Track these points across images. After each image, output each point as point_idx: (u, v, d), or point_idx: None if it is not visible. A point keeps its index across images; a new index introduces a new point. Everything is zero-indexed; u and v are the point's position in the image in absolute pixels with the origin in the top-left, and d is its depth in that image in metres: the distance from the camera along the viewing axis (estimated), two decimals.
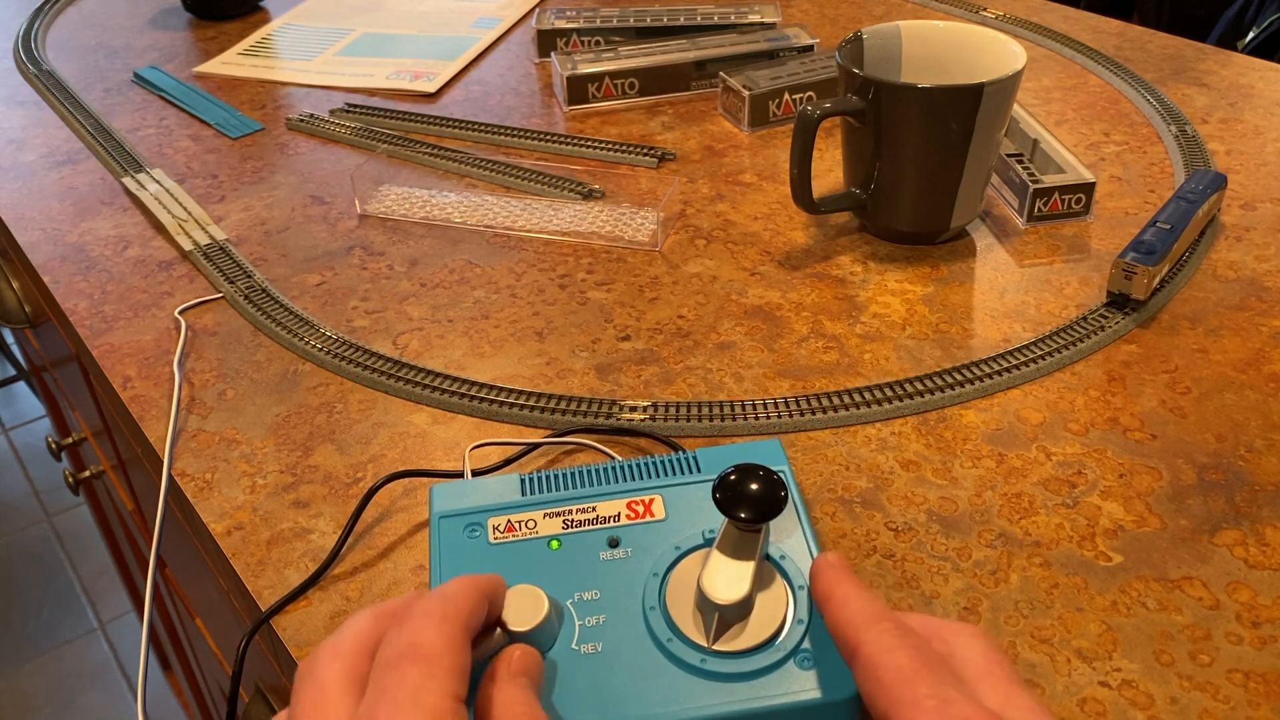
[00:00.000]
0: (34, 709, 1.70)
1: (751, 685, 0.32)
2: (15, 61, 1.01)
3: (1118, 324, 0.58)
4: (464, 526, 0.37)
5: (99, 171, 0.80)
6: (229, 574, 0.48)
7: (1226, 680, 0.40)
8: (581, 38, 0.92)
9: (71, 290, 0.66)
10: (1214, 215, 0.66)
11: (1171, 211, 0.61)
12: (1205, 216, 0.64)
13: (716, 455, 0.39)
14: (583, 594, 0.35)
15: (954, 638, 0.30)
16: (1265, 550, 0.45)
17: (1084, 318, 0.59)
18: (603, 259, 0.66)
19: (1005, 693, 0.29)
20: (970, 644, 0.30)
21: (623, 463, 0.39)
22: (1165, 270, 0.60)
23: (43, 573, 1.95)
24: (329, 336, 0.60)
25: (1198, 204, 0.62)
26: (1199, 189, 0.64)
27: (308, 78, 0.94)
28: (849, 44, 0.66)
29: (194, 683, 1.32)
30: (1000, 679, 0.29)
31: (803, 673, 0.32)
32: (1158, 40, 0.91)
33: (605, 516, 0.37)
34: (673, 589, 0.34)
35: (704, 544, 0.36)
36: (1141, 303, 0.58)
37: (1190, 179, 0.65)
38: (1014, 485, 0.49)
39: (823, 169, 0.75)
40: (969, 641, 0.30)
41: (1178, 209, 0.61)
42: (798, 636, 0.33)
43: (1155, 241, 0.59)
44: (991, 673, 0.29)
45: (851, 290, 0.62)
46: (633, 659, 0.33)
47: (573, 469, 0.39)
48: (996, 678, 0.29)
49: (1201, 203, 0.62)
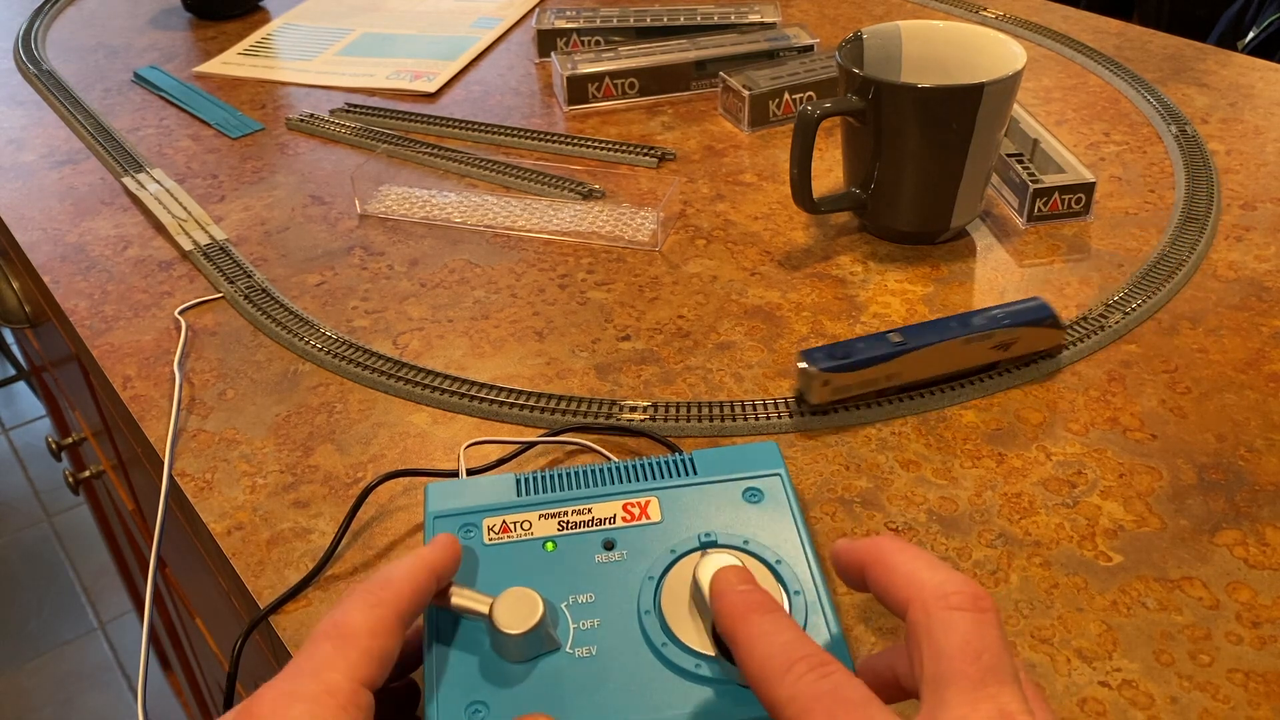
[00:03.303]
0: (34, 709, 1.70)
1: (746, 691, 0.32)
2: (15, 61, 1.01)
3: (1118, 324, 0.58)
4: (459, 527, 0.37)
5: (99, 171, 0.80)
6: (229, 574, 0.48)
7: (1227, 680, 0.40)
8: (581, 38, 0.92)
9: (71, 290, 0.66)
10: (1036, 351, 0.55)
11: (886, 340, 0.53)
12: (969, 350, 0.53)
13: (713, 457, 0.39)
14: (577, 597, 0.35)
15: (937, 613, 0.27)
16: (1265, 550, 0.45)
17: (1084, 318, 0.59)
18: (603, 259, 0.66)
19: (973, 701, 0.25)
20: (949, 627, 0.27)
21: (619, 464, 0.39)
22: (855, 389, 0.52)
23: (43, 573, 1.95)
24: (329, 336, 0.60)
25: (915, 345, 0.52)
26: (957, 325, 0.53)
27: (308, 78, 0.94)
28: (849, 44, 0.66)
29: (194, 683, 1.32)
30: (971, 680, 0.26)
31: None
32: (1158, 40, 0.91)
33: (601, 518, 0.37)
34: (668, 593, 0.34)
35: (699, 547, 0.36)
36: (820, 407, 0.52)
37: (986, 312, 0.54)
38: (1014, 485, 0.49)
39: (823, 169, 0.75)
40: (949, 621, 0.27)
41: (885, 345, 0.52)
42: None
43: (839, 351, 0.52)
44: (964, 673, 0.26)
45: (851, 290, 0.62)
46: (627, 663, 0.33)
47: (568, 469, 0.39)
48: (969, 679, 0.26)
49: (931, 341, 0.52)
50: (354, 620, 0.31)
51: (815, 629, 0.33)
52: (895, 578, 0.28)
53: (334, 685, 0.29)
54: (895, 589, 0.28)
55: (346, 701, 0.29)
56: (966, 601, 0.27)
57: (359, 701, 0.29)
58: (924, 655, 0.27)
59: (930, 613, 0.27)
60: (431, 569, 0.33)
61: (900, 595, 0.28)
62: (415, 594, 0.32)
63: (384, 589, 0.32)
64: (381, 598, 0.31)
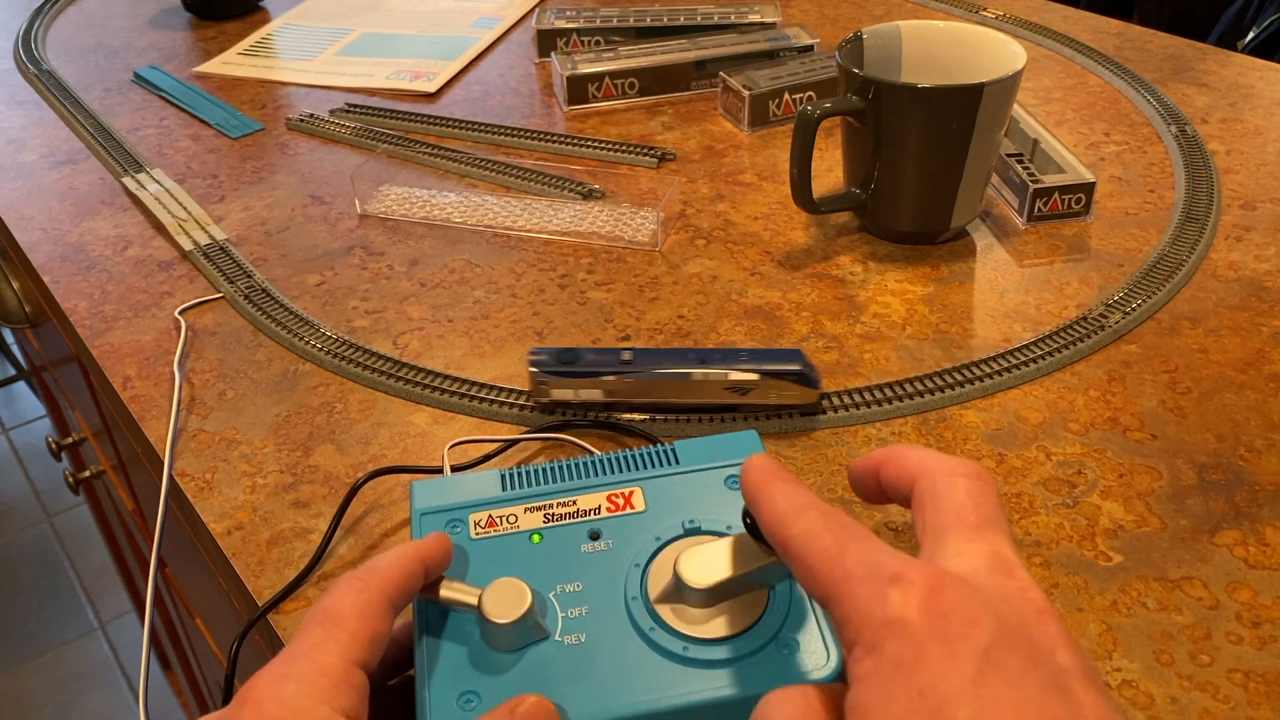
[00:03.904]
0: (34, 709, 1.70)
1: (734, 672, 0.32)
2: (15, 61, 1.01)
3: (1118, 324, 0.58)
4: (445, 523, 0.37)
5: (99, 171, 0.80)
6: (229, 574, 0.48)
7: (1227, 680, 0.40)
8: (581, 38, 0.92)
9: (71, 290, 0.66)
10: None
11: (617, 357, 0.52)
12: (702, 386, 0.51)
13: (695, 447, 0.39)
14: (565, 586, 0.35)
15: (942, 478, 0.29)
16: (1265, 550, 0.45)
17: (1084, 318, 0.59)
18: (603, 259, 0.66)
19: (970, 541, 0.27)
20: (951, 488, 0.28)
21: (602, 456, 0.39)
22: (578, 397, 0.51)
23: (43, 573, 1.95)
24: (329, 336, 0.60)
25: (640, 368, 0.50)
26: (692, 358, 0.51)
27: (308, 78, 0.94)
28: (849, 44, 0.66)
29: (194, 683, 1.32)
30: (969, 526, 0.27)
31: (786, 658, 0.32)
32: (1158, 40, 0.91)
33: (586, 510, 0.37)
34: (654, 579, 0.35)
35: (684, 534, 0.36)
36: (548, 406, 0.52)
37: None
38: (1014, 485, 0.49)
39: (823, 169, 0.75)
40: (952, 484, 0.28)
41: (612, 361, 0.51)
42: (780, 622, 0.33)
43: (567, 356, 0.51)
44: (963, 520, 0.27)
45: (851, 290, 0.62)
46: (616, 649, 0.33)
47: (552, 463, 0.39)
48: (967, 525, 0.27)
49: (658, 367, 0.51)
50: (343, 605, 0.31)
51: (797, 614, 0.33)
52: (906, 464, 0.30)
53: (326, 666, 0.30)
54: (906, 475, 0.30)
55: (339, 680, 0.29)
56: (970, 471, 0.29)
57: (352, 681, 0.30)
58: (926, 514, 0.28)
59: (935, 480, 0.29)
60: (420, 557, 0.34)
61: (910, 476, 0.30)
62: (403, 579, 0.33)
63: (371, 574, 0.32)
64: (369, 582, 0.32)
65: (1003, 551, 0.27)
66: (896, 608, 0.24)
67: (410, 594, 0.33)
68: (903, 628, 0.24)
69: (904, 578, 0.25)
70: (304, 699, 0.29)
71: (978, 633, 0.24)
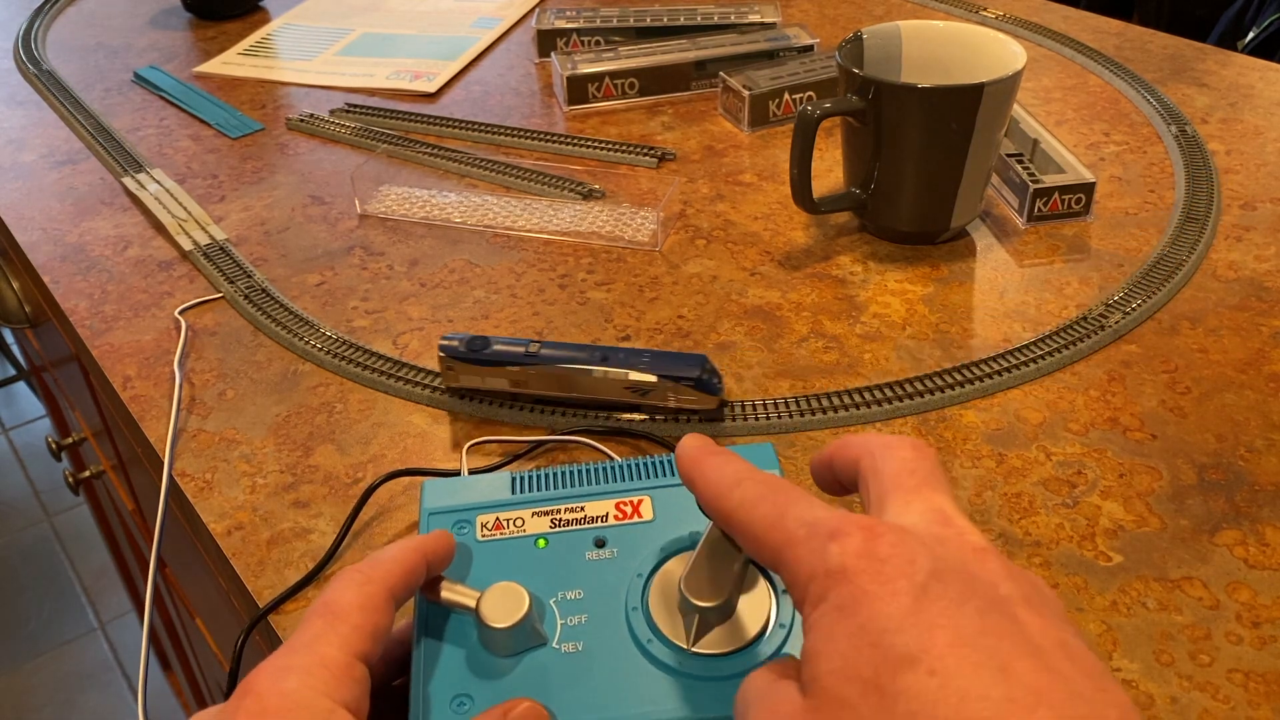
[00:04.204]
0: (34, 709, 1.70)
1: (729, 688, 0.32)
2: (15, 61, 1.01)
3: (1118, 324, 0.58)
4: (453, 523, 0.37)
5: (99, 171, 0.80)
6: (229, 574, 0.48)
7: (1226, 680, 0.40)
8: (581, 38, 0.92)
9: (71, 290, 0.66)
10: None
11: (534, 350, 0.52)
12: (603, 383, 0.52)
13: None
14: (566, 593, 0.35)
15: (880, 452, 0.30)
16: (1265, 550, 0.45)
17: (1084, 318, 0.59)
18: (603, 259, 0.66)
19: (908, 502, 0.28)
20: (889, 459, 0.29)
21: (613, 463, 0.39)
22: (485, 384, 0.53)
23: (43, 573, 1.95)
24: (329, 336, 0.60)
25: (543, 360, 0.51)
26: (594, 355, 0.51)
27: (308, 78, 0.94)
28: (849, 44, 0.66)
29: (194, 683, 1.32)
30: (908, 489, 0.28)
31: None
32: (1158, 40, 0.91)
33: (593, 516, 0.37)
34: (656, 590, 0.34)
35: (690, 546, 0.36)
36: (458, 391, 0.53)
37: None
38: (1014, 485, 0.49)
39: (823, 169, 0.75)
40: (889, 455, 0.29)
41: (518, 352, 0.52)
42: (778, 641, 0.33)
43: (477, 344, 0.52)
44: (900, 484, 0.28)
45: (851, 290, 0.62)
46: (612, 659, 0.33)
47: (563, 468, 0.39)
48: (905, 488, 0.28)
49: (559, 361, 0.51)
50: (344, 598, 0.31)
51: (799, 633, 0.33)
52: (850, 450, 0.31)
53: (327, 657, 0.30)
54: (851, 458, 0.31)
55: (340, 672, 0.30)
56: (907, 443, 0.30)
57: (354, 674, 0.30)
58: (870, 487, 0.29)
59: (875, 454, 0.30)
60: (422, 552, 0.34)
61: (854, 458, 0.30)
62: (405, 573, 0.33)
63: (373, 568, 0.32)
64: (370, 575, 0.32)
65: (940, 505, 0.28)
66: (835, 558, 0.25)
67: (412, 588, 0.33)
68: (842, 575, 0.25)
69: (841, 531, 0.26)
70: (305, 691, 0.29)
71: (914, 570, 0.25)
